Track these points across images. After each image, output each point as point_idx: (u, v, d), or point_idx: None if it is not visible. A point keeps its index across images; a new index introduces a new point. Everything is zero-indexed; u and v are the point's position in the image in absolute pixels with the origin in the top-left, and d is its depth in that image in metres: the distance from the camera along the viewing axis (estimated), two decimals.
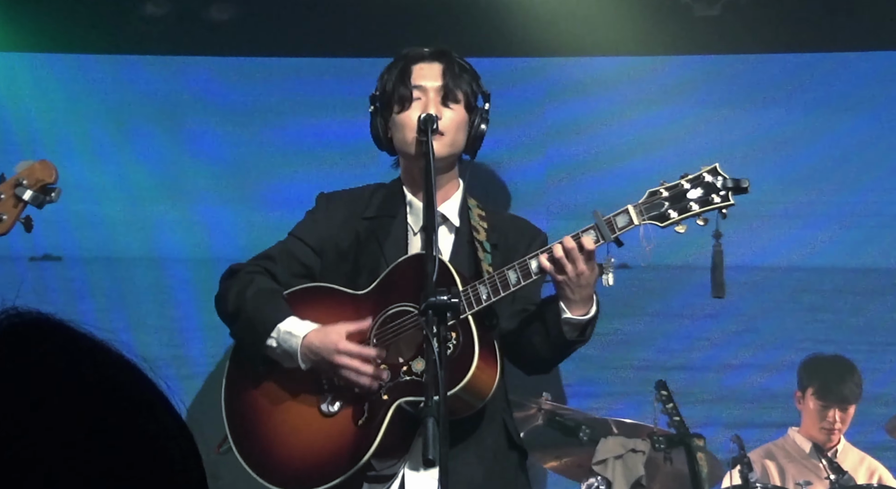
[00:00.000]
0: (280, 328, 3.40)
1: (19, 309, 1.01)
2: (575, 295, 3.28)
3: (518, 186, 6.76)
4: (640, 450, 4.91)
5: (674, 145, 6.73)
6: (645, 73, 6.82)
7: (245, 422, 3.50)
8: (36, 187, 3.44)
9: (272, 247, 3.62)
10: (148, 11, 6.62)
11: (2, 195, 3.45)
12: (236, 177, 6.65)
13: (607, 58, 6.80)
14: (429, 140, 3.36)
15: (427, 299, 3.12)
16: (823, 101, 6.86)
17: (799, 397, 5.78)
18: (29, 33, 6.55)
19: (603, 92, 6.88)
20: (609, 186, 6.51)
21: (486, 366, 3.32)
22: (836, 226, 6.78)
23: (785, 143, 6.72)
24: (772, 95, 6.84)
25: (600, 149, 6.88)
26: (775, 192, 6.40)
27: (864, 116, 6.85)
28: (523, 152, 6.89)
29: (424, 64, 3.53)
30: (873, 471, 5.64)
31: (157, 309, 6.36)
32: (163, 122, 6.83)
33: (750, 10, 6.55)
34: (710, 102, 6.86)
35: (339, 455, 3.37)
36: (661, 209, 3.29)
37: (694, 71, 6.85)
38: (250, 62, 6.87)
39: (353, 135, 6.65)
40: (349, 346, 3.35)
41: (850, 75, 6.85)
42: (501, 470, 3.45)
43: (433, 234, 3.24)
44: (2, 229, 3.47)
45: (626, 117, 6.85)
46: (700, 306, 6.47)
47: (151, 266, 6.81)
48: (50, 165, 3.48)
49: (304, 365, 3.39)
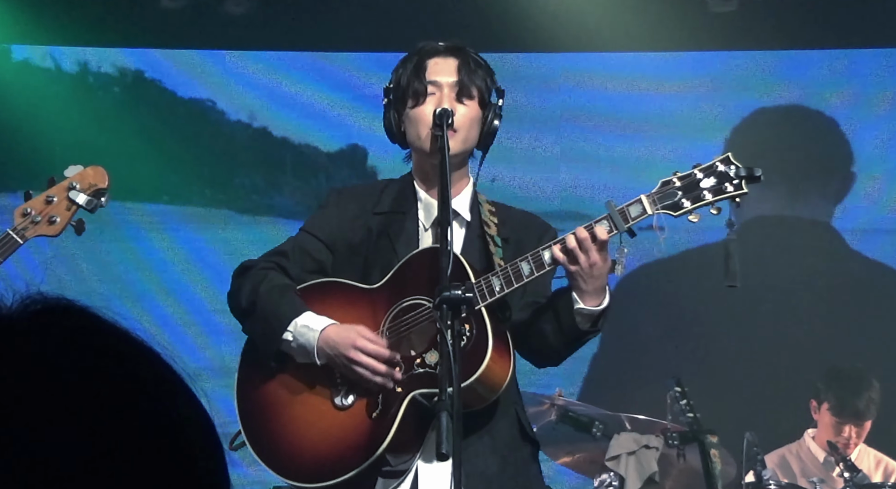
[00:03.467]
0: (297, 322, 3.40)
1: (44, 294, 1.01)
2: (588, 285, 3.28)
3: (532, 181, 6.76)
4: (653, 446, 4.90)
5: (689, 138, 6.73)
6: (661, 69, 6.81)
7: (258, 417, 3.50)
8: (90, 191, 3.51)
9: (284, 242, 3.62)
10: (164, 5, 6.64)
11: (54, 198, 3.51)
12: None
13: (623, 53, 6.79)
14: (444, 135, 3.36)
15: (441, 293, 3.12)
16: (840, 96, 6.84)
17: (815, 407, 5.71)
18: (45, 27, 6.57)
19: (619, 87, 6.88)
20: (623, 178, 6.52)
21: (500, 357, 3.32)
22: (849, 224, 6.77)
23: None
24: (788, 91, 6.83)
25: (616, 142, 6.88)
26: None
27: (881, 112, 6.83)
28: (538, 144, 6.89)
29: (440, 59, 3.52)
30: (891, 472, 5.62)
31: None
32: (175, 115, 6.85)
33: (766, 6, 6.54)
34: (725, 97, 6.85)
35: (353, 448, 3.37)
36: (674, 198, 3.28)
37: (710, 66, 6.85)
38: (266, 56, 6.88)
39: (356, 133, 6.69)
40: (366, 344, 3.35)
41: (867, 71, 6.84)
42: (515, 461, 3.45)
43: (448, 228, 3.24)
44: (54, 231, 3.53)
45: (642, 112, 6.84)
46: (716, 302, 6.47)
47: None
48: (102, 171, 3.56)
49: (319, 360, 3.39)
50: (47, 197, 3.52)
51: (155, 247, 6.82)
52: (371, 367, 3.35)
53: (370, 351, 3.34)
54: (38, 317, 1.00)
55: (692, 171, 3.31)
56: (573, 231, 3.28)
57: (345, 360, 3.36)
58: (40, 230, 3.53)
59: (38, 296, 1.01)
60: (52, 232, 3.53)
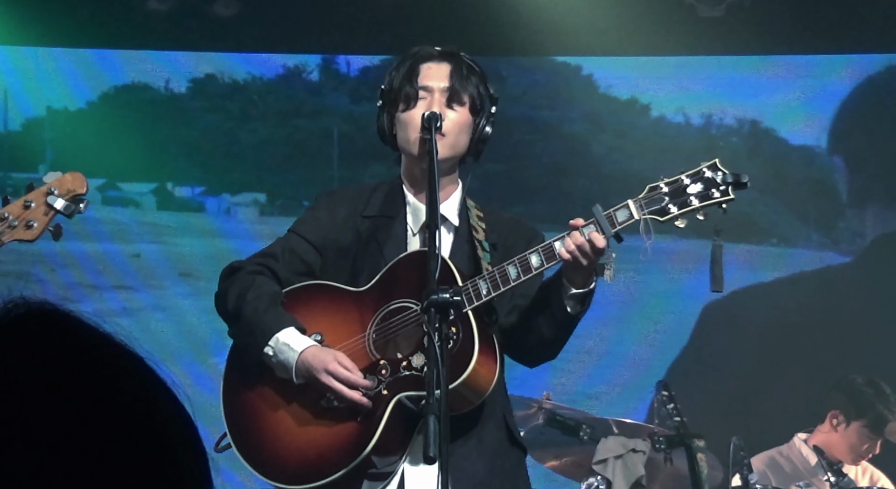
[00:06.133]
0: (279, 338, 3.40)
1: (26, 298, 1.01)
2: (581, 273, 3.30)
3: (518, 184, 6.76)
4: (640, 450, 4.91)
5: (676, 143, 6.74)
6: (649, 73, 6.82)
7: (244, 418, 3.50)
8: (68, 197, 3.51)
9: (273, 243, 3.61)
10: (151, 7, 6.62)
11: (32, 203, 3.51)
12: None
13: (612, 58, 6.80)
14: (432, 138, 3.35)
15: (429, 296, 3.12)
16: (825, 101, 6.86)
17: (839, 421, 5.61)
18: (33, 28, 6.57)
19: (608, 91, 6.89)
20: (609, 183, 6.53)
21: (486, 361, 3.32)
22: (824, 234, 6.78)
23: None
24: (775, 95, 6.84)
25: (602, 147, 6.90)
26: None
27: (868, 117, 6.85)
28: (526, 151, 6.90)
29: (433, 63, 3.52)
30: (877, 480, 5.62)
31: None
32: (166, 115, 6.85)
33: (754, 11, 6.55)
34: (712, 101, 6.87)
35: (338, 450, 3.37)
36: (661, 204, 3.29)
37: (698, 71, 6.86)
38: (254, 58, 6.88)
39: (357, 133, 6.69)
40: (338, 369, 3.35)
41: (854, 76, 6.85)
42: (503, 466, 3.45)
43: (436, 232, 3.24)
44: (31, 236, 3.52)
45: (630, 116, 6.85)
46: (701, 306, 6.48)
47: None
48: (81, 177, 3.55)
49: (297, 379, 3.39)
50: (25, 201, 3.52)
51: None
52: (341, 393, 3.35)
53: (341, 376, 3.35)
54: (20, 320, 0.99)
55: (679, 176, 3.32)
56: (568, 234, 3.28)
57: (318, 384, 3.37)
58: (17, 234, 3.52)
59: (20, 301, 1.01)
60: (29, 237, 3.52)
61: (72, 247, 6.32)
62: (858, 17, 6.54)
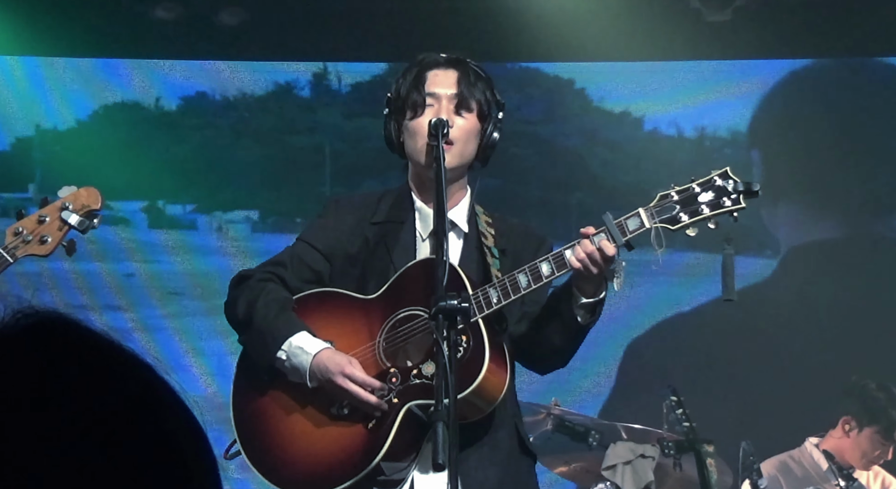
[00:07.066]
0: (291, 342, 3.40)
1: (36, 307, 1.01)
2: (591, 282, 3.29)
3: (514, 198, 6.76)
4: (649, 455, 4.90)
5: (685, 149, 6.74)
6: (656, 78, 6.82)
7: (254, 426, 3.50)
8: (82, 212, 3.51)
9: (282, 252, 3.61)
10: (158, 16, 6.63)
11: (46, 218, 3.51)
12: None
13: (617, 63, 6.80)
14: (439, 144, 3.35)
15: (438, 303, 3.12)
16: (835, 106, 6.85)
17: (851, 427, 5.58)
18: (40, 38, 6.57)
19: (614, 96, 6.89)
20: (620, 189, 6.52)
21: (497, 369, 3.32)
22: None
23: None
24: (783, 100, 6.84)
25: (612, 152, 6.89)
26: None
27: (874, 121, 6.84)
28: (535, 154, 6.90)
29: (440, 70, 3.51)
30: (888, 485, 5.60)
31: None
32: (156, 133, 6.85)
33: (760, 16, 6.55)
34: (719, 106, 6.86)
35: (348, 458, 3.37)
36: (672, 212, 3.27)
37: (704, 75, 6.86)
38: (260, 66, 6.89)
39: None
40: (354, 372, 3.35)
41: (860, 81, 6.85)
42: (515, 473, 3.45)
43: (444, 239, 3.23)
44: (45, 251, 3.53)
45: (638, 121, 6.85)
46: (712, 311, 6.47)
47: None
48: (95, 192, 3.56)
49: (311, 383, 3.39)
50: (40, 216, 3.53)
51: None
52: (358, 396, 3.35)
53: (358, 379, 3.35)
54: (30, 330, 1.00)
55: (690, 184, 3.30)
56: (578, 242, 3.27)
57: (333, 386, 3.36)
58: (31, 249, 3.53)
59: (30, 310, 1.01)
60: (43, 251, 3.53)
61: (56, 268, 6.28)
62: (867, 21, 6.53)
